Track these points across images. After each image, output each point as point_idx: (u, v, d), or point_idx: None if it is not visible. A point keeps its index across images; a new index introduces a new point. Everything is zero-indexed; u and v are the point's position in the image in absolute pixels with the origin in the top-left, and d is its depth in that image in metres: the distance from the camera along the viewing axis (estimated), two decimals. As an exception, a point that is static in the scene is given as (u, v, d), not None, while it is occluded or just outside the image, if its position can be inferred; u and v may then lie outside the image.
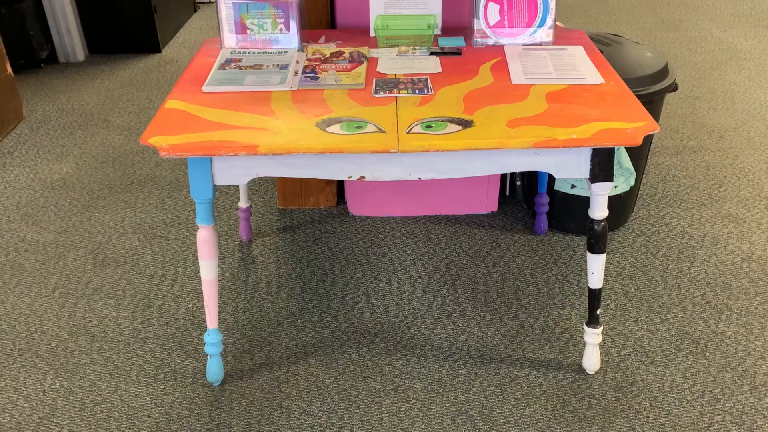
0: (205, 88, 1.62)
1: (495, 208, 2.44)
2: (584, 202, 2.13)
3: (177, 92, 1.62)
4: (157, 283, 2.12)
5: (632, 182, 2.16)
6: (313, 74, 1.69)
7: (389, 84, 1.64)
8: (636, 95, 1.91)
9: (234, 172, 1.50)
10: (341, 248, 2.26)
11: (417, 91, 1.60)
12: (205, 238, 1.57)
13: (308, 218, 2.43)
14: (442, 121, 1.46)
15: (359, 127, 1.45)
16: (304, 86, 1.64)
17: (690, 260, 2.18)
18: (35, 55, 3.70)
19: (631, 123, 1.43)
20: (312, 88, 1.63)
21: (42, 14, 3.72)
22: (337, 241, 2.30)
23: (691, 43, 4.01)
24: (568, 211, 2.25)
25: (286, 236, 2.33)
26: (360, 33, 1.99)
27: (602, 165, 1.48)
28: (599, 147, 1.43)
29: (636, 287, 2.06)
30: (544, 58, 1.75)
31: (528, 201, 2.43)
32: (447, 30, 1.98)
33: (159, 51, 3.96)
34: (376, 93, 1.60)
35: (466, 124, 1.45)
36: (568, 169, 1.50)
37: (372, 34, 1.95)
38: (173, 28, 4.21)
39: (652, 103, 2.02)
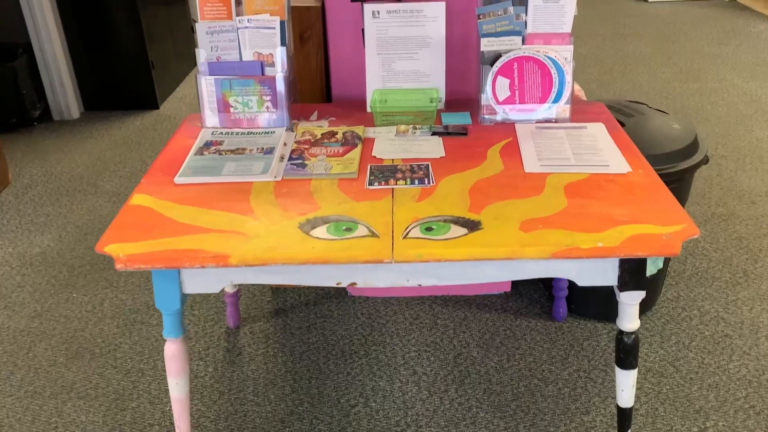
0: (177, 180, 1.44)
1: (508, 288, 2.23)
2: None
3: (146, 183, 1.44)
4: (133, 379, 1.91)
5: (660, 264, 1.94)
6: (300, 160, 1.50)
7: (385, 172, 1.45)
8: (664, 173, 1.70)
9: (205, 280, 1.30)
10: (338, 337, 2.05)
11: (417, 182, 1.40)
12: (173, 353, 1.37)
13: (303, 299, 2.22)
14: (445, 221, 1.26)
15: (348, 230, 1.25)
16: (289, 175, 1.45)
17: (728, 353, 1.94)
18: (28, 114, 3.57)
19: (666, 226, 1.22)
20: (298, 178, 1.44)
21: (36, 71, 3.60)
22: (333, 328, 2.09)
23: (712, 95, 3.82)
24: (590, 296, 2.03)
25: (278, 321, 2.12)
26: (357, 106, 1.81)
27: (632, 272, 1.27)
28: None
29: (668, 386, 1.82)
30: (561, 140, 1.56)
31: (545, 281, 2.21)
32: (452, 103, 1.79)
33: (157, 107, 3.83)
34: (370, 184, 1.40)
35: (472, 226, 1.25)
36: (593, 278, 1.28)
37: (369, 109, 1.77)
38: (172, 83, 4.08)
39: (682, 181, 1.82)
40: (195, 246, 1.21)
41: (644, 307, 2.06)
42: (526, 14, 1.63)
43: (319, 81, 1.96)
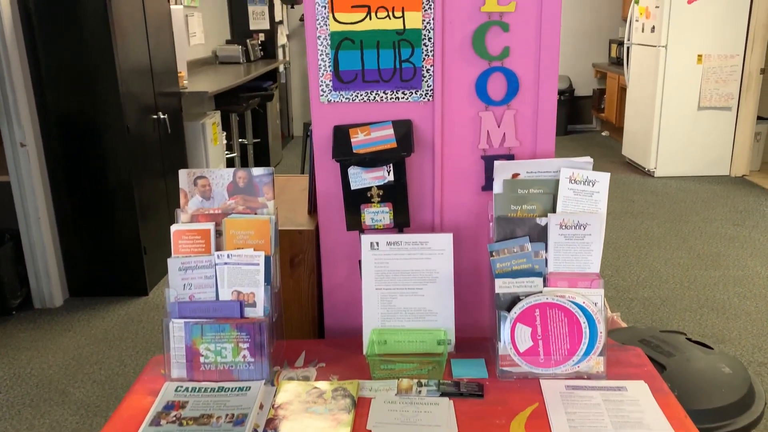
0: (121, 467, 1.15)
1: None
2: None
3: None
4: None
5: None
6: (277, 436, 1.22)
7: (382, 459, 1.15)
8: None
9: None
10: None
11: (422, 476, 1.10)
12: None
13: None
14: None
15: None
16: (262, 461, 1.16)
17: None
18: (6, 303, 3.35)
19: None
20: (273, 465, 1.15)
21: (21, 257, 3.43)
22: None
23: (737, 286, 3.58)
24: None
25: None
26: (352, 345, 1.55)
27: None
28: None
29: None
30: (598, 407, 1.28)
31: None
32: (462, 344, 1.54)
33: (146, 294, 3.61)
34: (362, 478, 1.11)
35: None
36: None
37: (366, 351, 1.51)
38: (165, 266, 3.89)
39: (741, 440, 1.51)
40: None
41: None
42: (546, 251, 1.42)
43: (310, 309, 1.72)
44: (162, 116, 3.83)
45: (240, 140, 6.10)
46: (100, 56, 3.27)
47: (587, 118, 8.31)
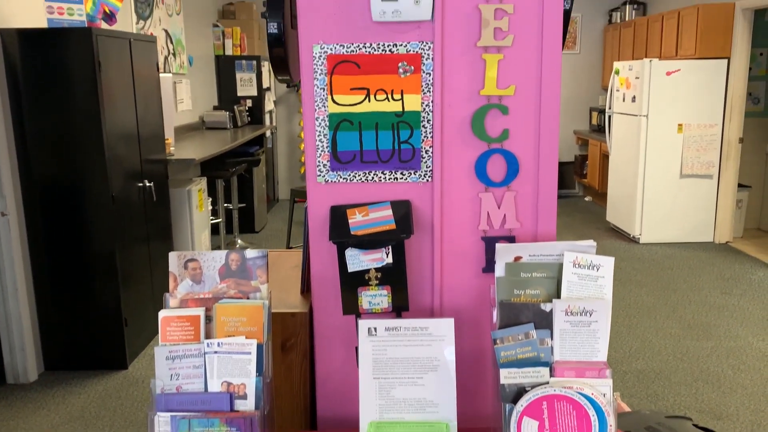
0: None
1: None
2: None
3: None
4: None
5: None
6: None
7: None
8: None
9: None
10: None
11: None
12: None
13: None
14: None
15: None
16: None
17: None
18: (-23, 378, 3.20)
19: None
20: None
21: (-4, 330, 3.30)
22: None
23: (730, 357, 3.53)
24: None
25: None
26: (347, 437, 1.47)
27: None
28: None
29: None
30: None
31: None
32: (465, 436, 1.46)
33: (125, 367, 3.47)
34: None
35: None
36: None
37: (362, 446, 1.43)
38: (146, 337, 3.78)
39: None
40: None
41: None
42: (552, 338, 1.37)
43: (302, 398, 1.64)
44: (148, 184, 3.78)
45: (225, 205, 6.05)
46: (88, 124, 3.24)
47: (570, 183, 8.41)
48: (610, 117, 6.48)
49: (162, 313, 1.39)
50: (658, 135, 5.77)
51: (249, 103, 7.04)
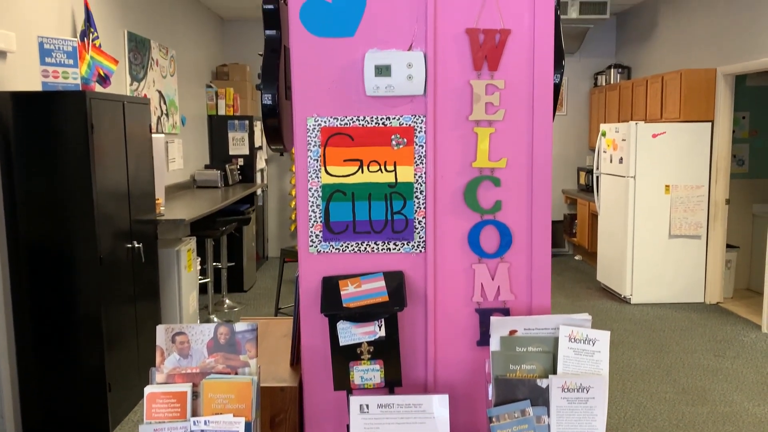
0: None
1: None
2: None
3: None
4: None
5: None
6: None
7: None
8: None
9: None
10: None
11: None
12: None
13: None
14: None
15: None
16: None
17: None
18: (-48, 447, 3.07)
19: None
20: None
21: (-26, 396, 3.19)
22: None
23: (727, 424, 3.47)
24: None
25: None
26: None
27: None
28: None
29: None
30: None
31: None
32: None
33: (107, 435, 3.36)
34: None
35: None
36: None
37: None
38: (130, 403, 3.67)
39: None
40: None
41: None
42: (549, 416, 1.34)
43: (291, 476, 1.58)
44: (137, 245, 3.75)
45: (214, 264, 6.00)
46: (78, 185, 3.23)
47: (560, 241, 8.43)
48: (598, 177, 6.56)
49: (148, 389, 1.35)
50: (646, 196, 5.84)
51: (241, 161, 7.08)
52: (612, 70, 7.65)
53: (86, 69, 3.50)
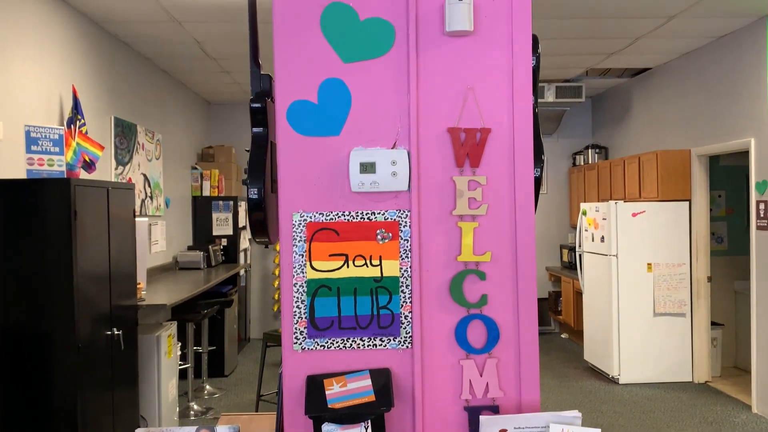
0: None
1: None
2: None
3: None
4: None
5: None
6: None
7: None
8: None
9: None
10: None
11: None
12: None
13: None
14: None
15: None
16: None
17: None
18: None
19: None
20: None
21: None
22: None
23: None
24: None
25: None
26: None
27: None
28: None
29: None
30: None
31: None
32: None
33: None
34: None
35: None
36: None
37: None
38: (103, 500, 3.49)
39: None
40: None
41: None
42: None
43: None
44: (116, 332, 3.67)
45: (195, 348, 5.87)
46: (59, 271, 3.18)
47: (546, 319, 8.39)
48: (581, 256, 6.60)
49: (122, 500, 1.28)
50: (629, 274, 5.87)
51: (224, 241, 7.06)
52: (589, 150, 7.85)
53: (72, 155, 3.52)
